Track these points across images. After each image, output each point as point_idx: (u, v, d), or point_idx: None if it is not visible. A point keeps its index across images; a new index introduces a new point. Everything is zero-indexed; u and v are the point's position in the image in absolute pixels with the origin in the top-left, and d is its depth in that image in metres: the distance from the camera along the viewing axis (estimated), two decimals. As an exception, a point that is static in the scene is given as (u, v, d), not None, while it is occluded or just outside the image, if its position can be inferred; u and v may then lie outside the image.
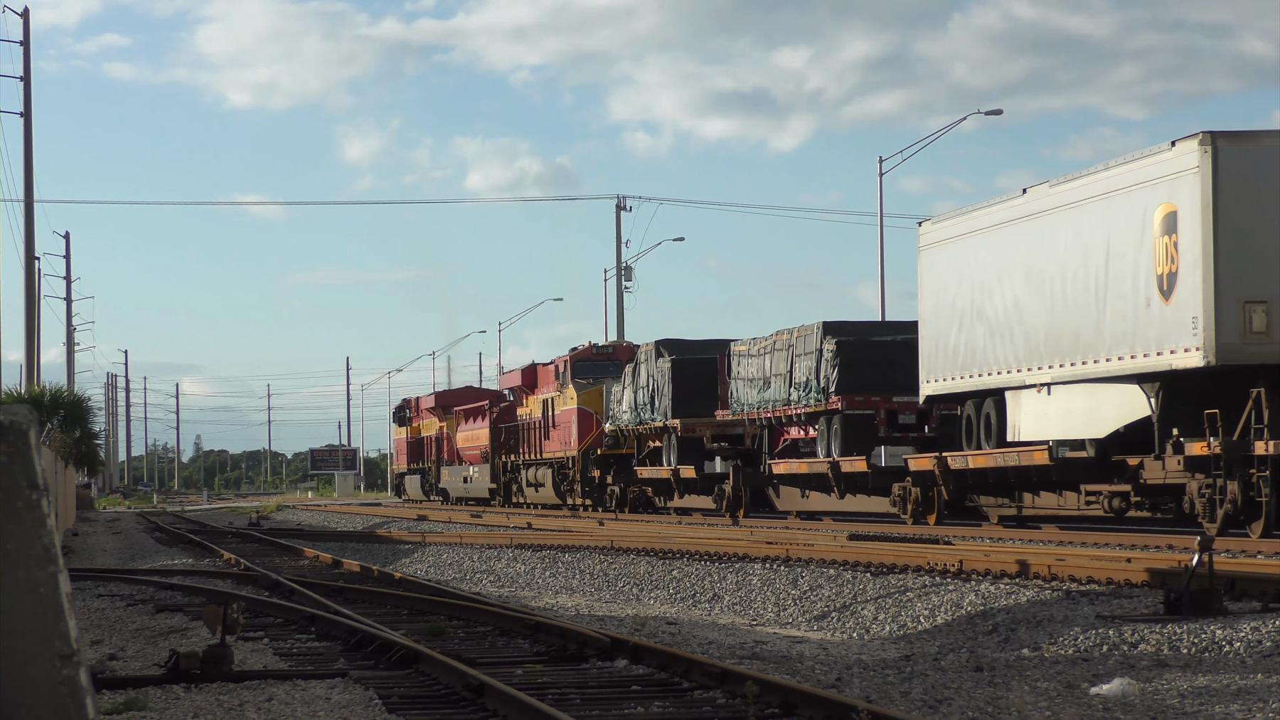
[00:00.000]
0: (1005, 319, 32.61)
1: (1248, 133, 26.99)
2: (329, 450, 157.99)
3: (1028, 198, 32.14)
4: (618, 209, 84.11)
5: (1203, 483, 27.27)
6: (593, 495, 57.31)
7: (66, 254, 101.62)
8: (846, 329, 40.32)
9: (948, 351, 34.83)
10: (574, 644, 15.40)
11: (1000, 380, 32.78)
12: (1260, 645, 14.63)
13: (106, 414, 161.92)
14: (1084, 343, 29.99)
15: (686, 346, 50.35)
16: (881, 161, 65.09)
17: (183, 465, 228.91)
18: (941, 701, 12.05)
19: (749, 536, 31.33)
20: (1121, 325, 28.85)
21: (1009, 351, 32.44)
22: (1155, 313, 27.95)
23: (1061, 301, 30.70)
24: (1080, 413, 30.74)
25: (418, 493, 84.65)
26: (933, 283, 35.69)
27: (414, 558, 34.28)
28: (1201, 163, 26.85)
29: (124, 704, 12.60)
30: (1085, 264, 29.94)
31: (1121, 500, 30.23)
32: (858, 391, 38.93)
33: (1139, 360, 28.35)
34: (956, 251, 34.68)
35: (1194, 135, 27.10)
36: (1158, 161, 27.98)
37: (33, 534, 5.23)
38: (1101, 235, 29.44)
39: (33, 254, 65.90)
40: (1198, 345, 26.88)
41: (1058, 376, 30.86)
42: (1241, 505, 26.69)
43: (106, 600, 23.96)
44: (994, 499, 35.05)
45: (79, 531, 53.47)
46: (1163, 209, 27.79)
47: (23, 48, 64.92)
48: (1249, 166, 26.68)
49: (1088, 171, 30.40)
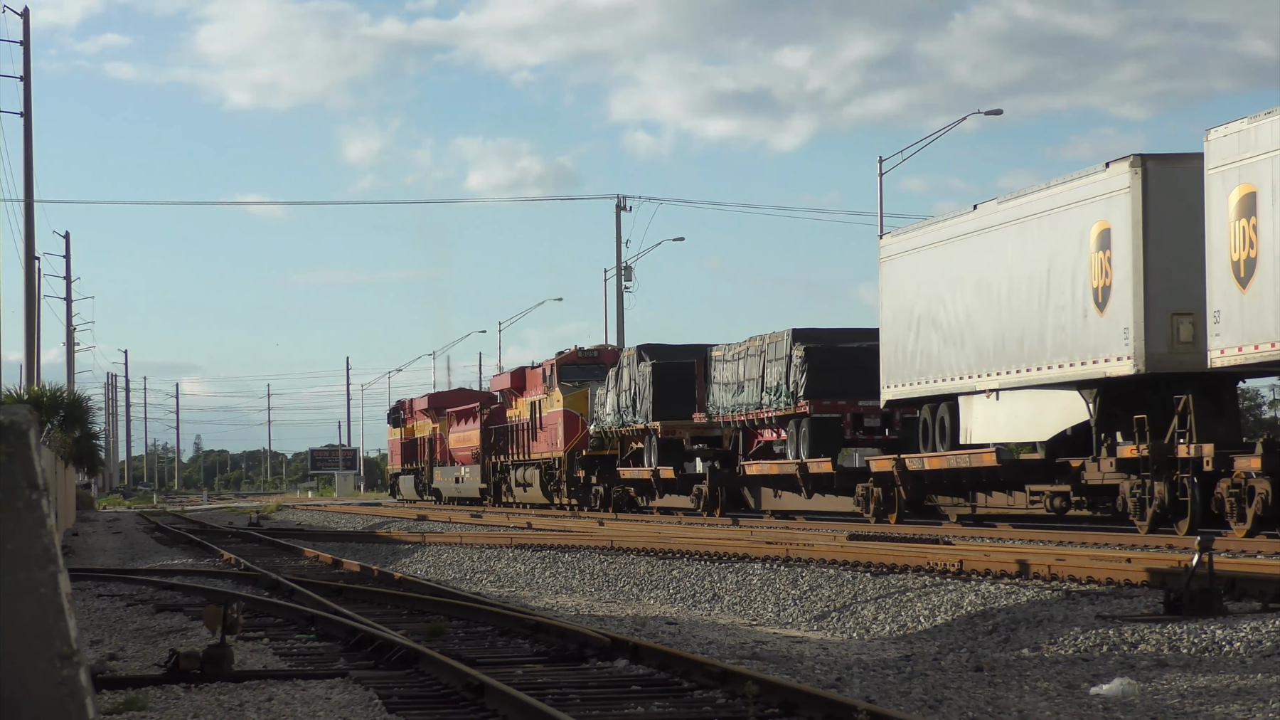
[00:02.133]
0: (957, 328, 34.50)
1: (1175, 155, 28.79)
2: (329, 450, 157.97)
3: (978, 214, 34.01)
4: (618, 209, 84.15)
5: (1134, 483, 28.98)
6: (578, 495, 58.71)
7: (66, 254, 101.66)
8: (815, 336, 41.89)
9: (906, 358, 36.74)
10: (574, 644, 15.40)
11: (953, 386, 34.72)
12: (1260, 645, 14.63)
13: (106, 414, 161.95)
14: (1028, 351, 31.83)
15: (667, 351, 51.89)
16: (881, 161, 65.17)
17: (183, 465, 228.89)
18: (941, 701, 12.05)
19: (749, 536, 31.35)
20: (1062, 335, 30.69)
21: (961, 359, 34.35)
22: (1092, 323, 29.78)
23: (1008, 312, 32.54)
24: (1026, 417, 32.68)
25: (411, 492, 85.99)
26: (892, 293, 37.65)
27: (414, 558, 34.28)
28: (1132, 183, 28.67)
29: (124, 704, 12.60)
30: (1030, 277, 31.77)
31: (1063, 500, 32.00)
32: (825, 396, 40.81)
33: (1078, 368, 30.22)
34: (913, 263, 36.61)
35: (1125, 157, 28.89)
36: (1094, 181, 29.79)
37: (33, 534, 5.24)
38: (1044, 250, 31.28)
39: (33, 254, 65.91)
40: (1129, 354, 28.76)
41: (1005, 383, 32.70)
42: (1169, 505, 28.39)
43: (106, 600, 23.97)
44: (950, 499, 36.80)
45: (79, 531, 53.48)
46: (1098, 226, 29.57)
47: (23, 48, 64.92)
48: (1176, 187, 28.34)
49: (1032, 189, 32.28)
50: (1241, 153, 26.34)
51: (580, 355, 60.64)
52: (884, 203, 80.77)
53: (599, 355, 60.32)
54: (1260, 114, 26.14)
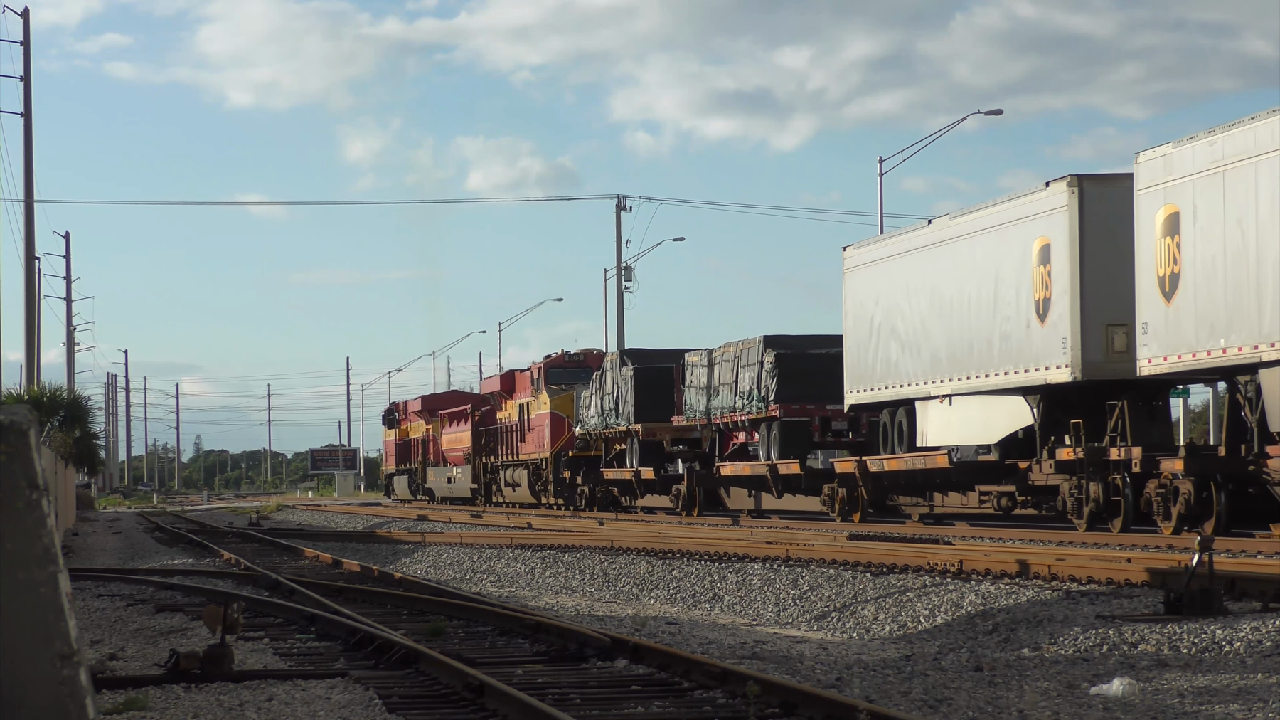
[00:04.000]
0: (914, 336, 36.42)
1: (1109, 175, 30.62)
2: (329, 450, 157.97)
3: (933, 228, 35.99)
4: (618, 209, 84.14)
5: (1072, 484, 30.84)
6: (564, 495, 60.23)
7: (66, 254, 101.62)
8: (785, 342, 43.84)
9: (867, 365, 38.71)
10: (574, 644, 15.40)
11: (910, 391, 36.63)
12: (1260, 645, 14.63)
13: (106, 414, 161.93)
14: (978, 358, 33.75)
15: (648, 356, 53.94)
16: (881, 161, 65.21)
17: (183, 465, 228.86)
18: (941, 701, 12.04)
19: (749, 536, 31.38)
20: (1008, 344, 32.65)
21: (917, 365, 36.27)
22: (1034, 333, 31.71)
23: (960, 321, 34.44)
24: (976, 421, 34.53)
25: (405, 492, 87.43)
26: (854, 302, 39.55)
27: (414, 558, 34.28)
28: (1070, 202, 30.56)
29: (124, 704, 12.60)
30: (979, 289, 33.73)
31: (1009, 499, 34.13)
32: (794, 400, 42.87)
33: (1022, 375, 32.12)
34: (874, 275, 38.54)
35: (1064, 177, 30.73)
36: (1035, 199, 31.69)
37: (33, 534, 5.24)
38: (992, 264, 33.23)
39: (33, 254, 65.86)
40: (1068, 363, 30.64)
41: (957, 389, 34.71)
42: (1104, 504, 30.17)
43: (106, 600, 23.96)
44: (909, 499, 38.55)
45: (79, 531, 53.48)
46: (1039, 242, 31.50)
47: (23, 48, 64.91)
48: (1110, 205, 30.07)
49: (981, 206, 34.27)
50: (1167, 175, 28.08)
51: (566, 359, 62.26)
52: (885, 203, 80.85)
53: (584, 359, 61.77)
54: (1184, 139, 27.91)
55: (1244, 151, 26.45)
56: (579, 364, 61.30)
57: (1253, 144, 26.28)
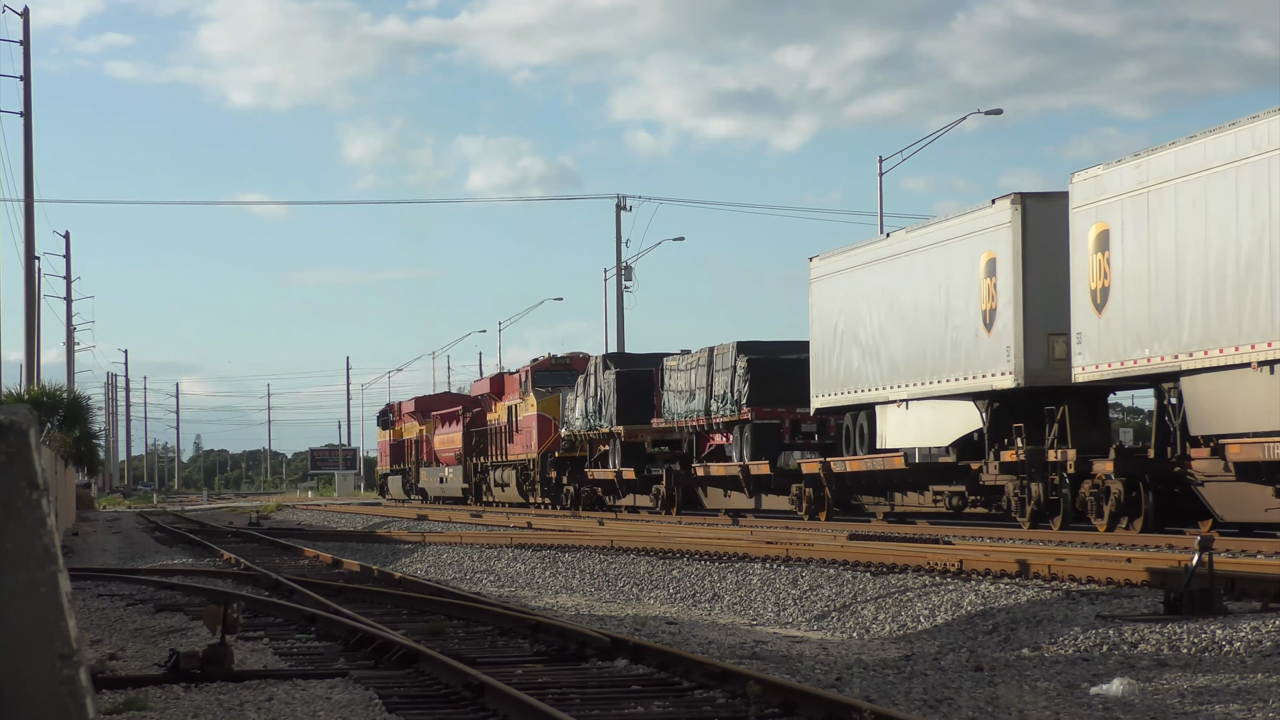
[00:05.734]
0: (874, 344, 38.20)
1: (1050, 194, 32.19)
2: (329, 450, 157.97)
3: (890, 241, 38.08)
4: (618, 209, 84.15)
5: (1016, 484, 32.83)
6: (550, 494, 61.97)
7: (66, 254, 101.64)
8: (758, 348, 45.59)
9: (831, 370, 40.45)
10: (574, 644, 15.40)
11: (870, 396, 38.36)
12: (1260, 645, 14.63)
13: (106, 414, 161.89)
14: (931, 365, 35.46)
15: (630, 359, 56.28)
16: (881, 161, 65.21)
17: (183, 465, 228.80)
18: (941, 701, 12.04)
19: (749, 536, 31.39)
20: (958, 352, 34.32)
21: (876, 371, 38.01)
22: (982, 342, 33.42)
23: (916, 330, 36.20)
24: (931, 424, 36.24)
25: (399, 492, 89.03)
26: (820, 311, 41.37)
27: (414, 557, 34.28)
28: (1013, 218, 32.41)
29: (124, 704, 12.60)
30: (932, 299, 35.48)
31: (960, 499, 36.19)
32: (766, 404, 44.70)
33: (972, 381, 33.83)
34: (838, 284, 40.36)
35: (1008, 195, 32.61)
36: (983, 216, 33.47)
37: (33, 534, 5.23)
38: (944, 276, 34.98)
39: (33, 254, 65.86)
40: (1012, 370, 32.38)
41: (913, 394, 36.38)
42: (1044, 503, 32.05)
43: (106, 600, 23.96)
44: (872, 498, 40.46)
45: (79, 531, 53.48)
46: (986, 255, 33.30)
47: (23, 48, 64.91)
48: (1051, 222, 31.63)
49: (934, 221, 36.42)
50: (1098, 195, 29.86)
51: (553, 362, 64.05)
52: (886, 202, 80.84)
53: (571, 362, 63.49)
54: (1113, 162, 29.63)
55: (1165, 175, 28.12)
56: (565, 367, 63.00)
57: (1173, 168, 27.94)
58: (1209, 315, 26.99)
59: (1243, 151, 26.28)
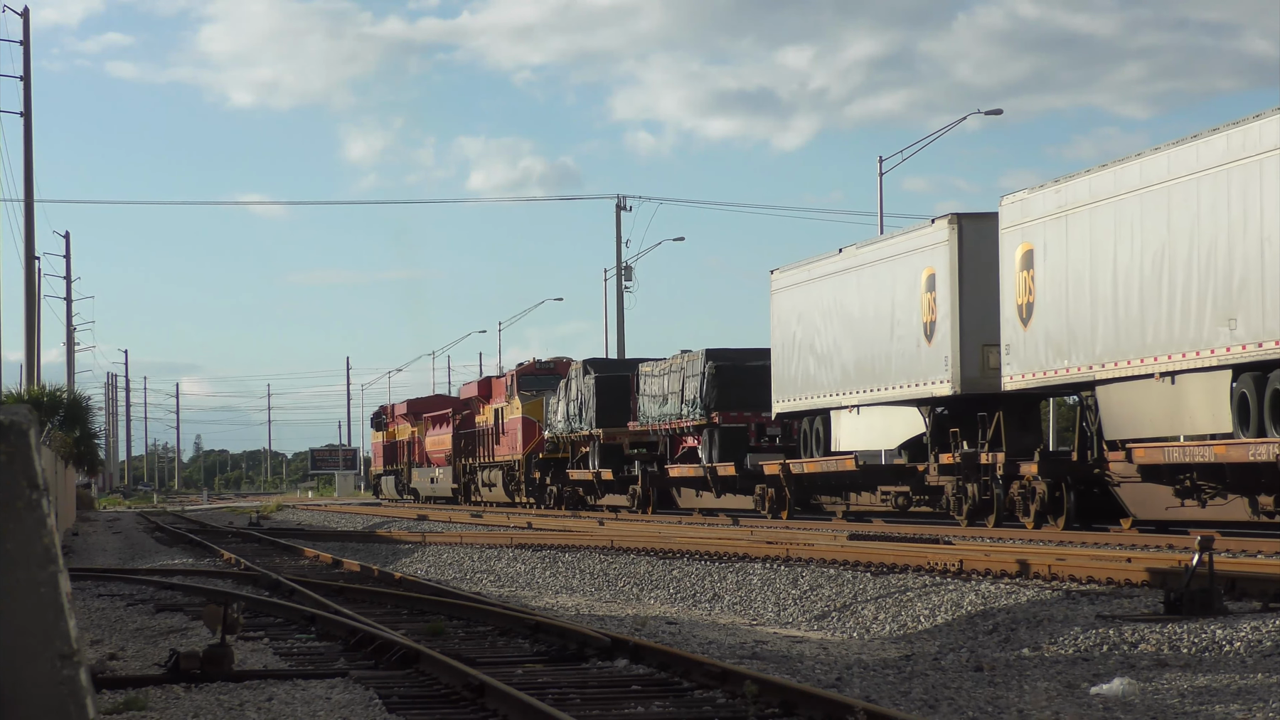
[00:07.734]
0: (828, 352, 40.34)
1: (985, 214, 34.06)
2: (329, 450, 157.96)
3: (843, 256, 39.90)
4: (618, 209, 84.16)
5: (953, 484, 35.07)
6: (535, 494, 64.16)
7: (66, 254, 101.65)
8: (725, 355, 47.93)
9: (790, 377, 42.62)
10: (574, 644, 15.40)
11: (826, 401, 40.63)
12: (1260, 645, 14.63)
13: (106, 414, 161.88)
14: (879, 373, 37.62)
15: (609, 365, 58.83)
16: (882, 161, 65.19)
17: (183, 465, 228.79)
18: (941, 701, 12.04)
19: (749, 536, 31.39)
20: (903, 361, 36.40)
21: (831, 379, 40.19)
22: (923, 352, 35.47)
23: (865, 340, 38.39)
24: (880, 429, 38.66)
25: (392, 492, 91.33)
26: (779, 321, 43.45)
27: (414, 557, 34.28)
28: (950, 237, 34.46)
29: (124, 704, 12.60)
30: (879, 311, 37.64)
31: (904, 498, 38.80)
32: (732, 408, 47.07)
33: (915, 389, 35.89)
34: (796, 296, 42.47)
35: (946, 215, 34.68)
36: (924, 234, 35.58)
37: (33, 534, 5.23)
38: (890, 289, 37.12)
39: (33, 254, 65.86)
40: (949, 378, 34.43)
41: (864, 400, 38.58)
42: (979, 502, 34.31)
43: (106, 600, 23.96)
44: (829, 498, 42.71)
45: (79, 531, 53.48)
46: (927, 271, 35.29)
47: (23, 47, 64.92)
48: (986, 241, 33.56)
49: (882, 238, 39.18)
50: (1024, 217, 32.00)
51: (538, 366, 66.77)
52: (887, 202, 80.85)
53: (555, 367, 65.92)
54: (1037, 186, 31.76)
55: (1080, 199, 30.25)
56: (550, 371, 65.32)
57: (1087, 193, 30.01)
58: (1118, 330, 29.18)
59: (1147, 179, 28.26)
